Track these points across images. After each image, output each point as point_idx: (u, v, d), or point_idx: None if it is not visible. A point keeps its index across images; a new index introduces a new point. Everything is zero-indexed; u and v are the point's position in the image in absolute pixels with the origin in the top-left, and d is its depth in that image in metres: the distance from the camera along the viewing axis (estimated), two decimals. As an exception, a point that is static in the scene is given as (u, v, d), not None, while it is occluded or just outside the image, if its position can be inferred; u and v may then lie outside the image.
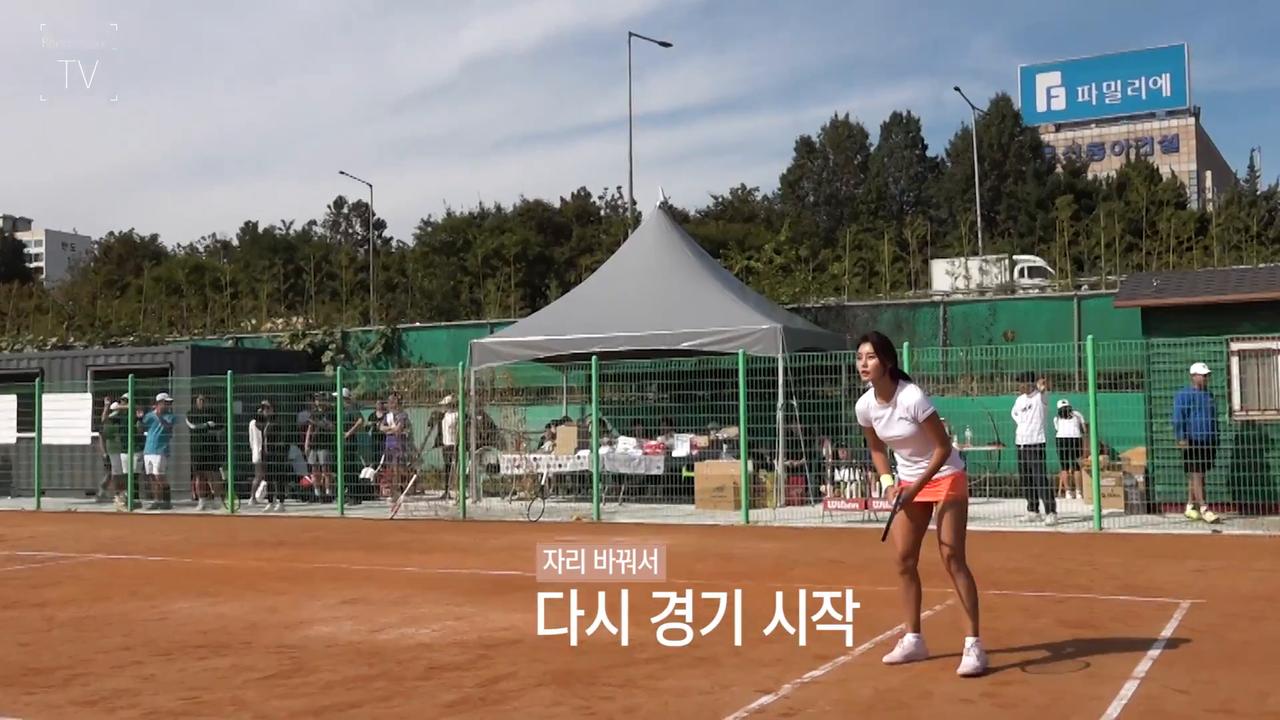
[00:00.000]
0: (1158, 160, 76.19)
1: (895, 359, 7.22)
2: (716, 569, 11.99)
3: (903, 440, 7.21)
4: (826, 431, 18.56)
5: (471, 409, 20.79)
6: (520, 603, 10.04)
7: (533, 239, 56.76)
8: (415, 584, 11.36)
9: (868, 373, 7.15)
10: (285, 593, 10.97)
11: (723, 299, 20.26)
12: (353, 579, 11.82)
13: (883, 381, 7.16)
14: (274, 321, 34.26)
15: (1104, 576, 11.07)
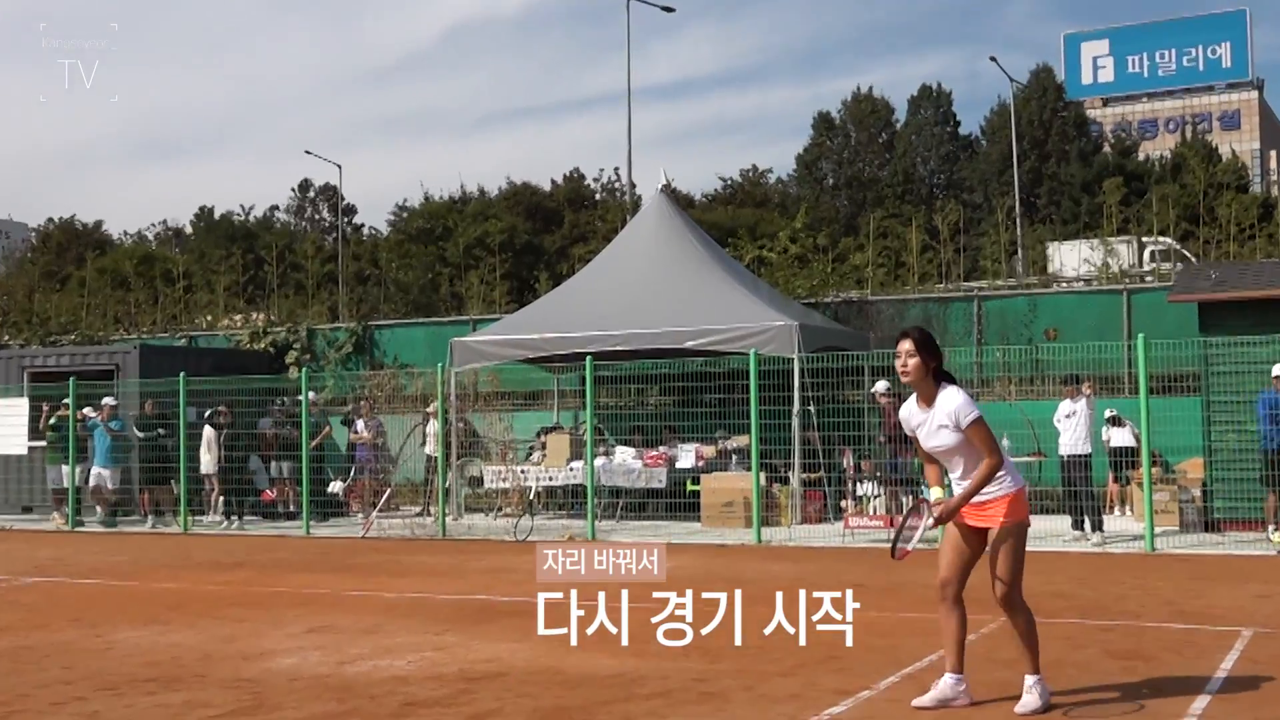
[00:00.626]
0: (1216, 139, 76.22)
1: (939, 358, 7.04)
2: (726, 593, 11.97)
3: (948, 452, 7.01)
4: (848, 441, 18.54)
5: (452, 415, 20.76)
6: (506, 631, 10.03)
7: (520, 226, 56.71)
8: (389, 610, 11.35)
9: (907, 374, 6.96)
10: (244, 620, 10.96)
11: (732, 293, 20.25)
12: (319, 604, 11.81)
13: (925, 384, 6.98)
14: (232, 318, 34.25)
15: (1157, 602, 11.07)
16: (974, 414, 6.91)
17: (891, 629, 9.92)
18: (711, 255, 21.68)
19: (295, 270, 39.10)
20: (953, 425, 6.91)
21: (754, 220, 52.78)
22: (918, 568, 14.07)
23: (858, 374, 19.13)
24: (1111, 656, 8.67)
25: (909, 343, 6.97)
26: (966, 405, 6.91)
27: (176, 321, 33.81)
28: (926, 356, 6.96)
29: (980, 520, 7.06)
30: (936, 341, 7.10)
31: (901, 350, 6.97)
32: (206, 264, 45.87)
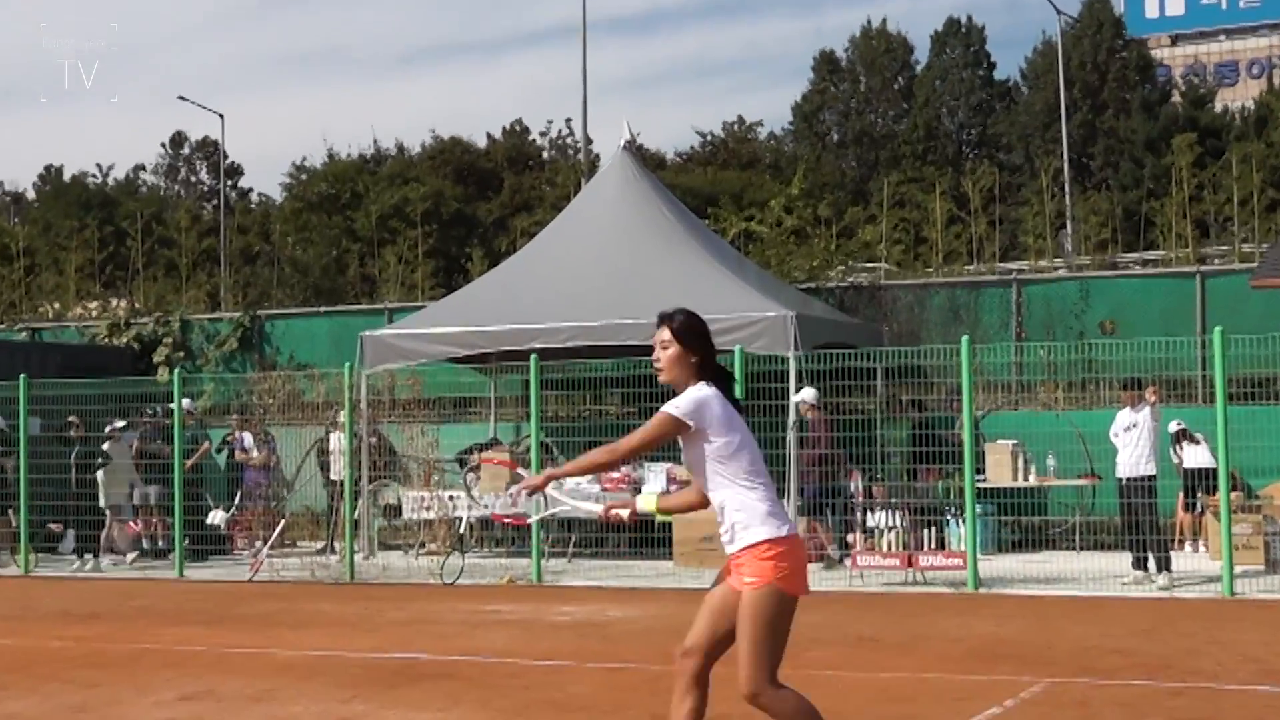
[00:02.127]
0: (1311, 86, 76.77)
1: (707, 351, 6.88)
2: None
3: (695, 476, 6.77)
4: (856, 460, 18.58)
5: (363, 428, 20.70)
6: (430, 697, 10.01)
7: (449, 191, 56.57)
8: (283, 671, 11.30)
9: (661, 368, 6.86)
10: (100, 684, 10.88)
11: (711, 275, 20.26)
12: (196, 665, 11.75)
13: (686, 382, 6.84)
14: (85, 306, 34.02)
15: (1237, 659, 11.15)
16: (673, 409, 6.70)
17: (912, 692, 9.96)
18: (687, 229, 21.69)
19: (166, 246, 38.87)
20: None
21: (740, 185, 52.81)
22: (942, 614, 14.13)
23: (868, 377, 19.20)
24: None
25: (667, 330, 6.82)
26: (685, 400, 6.72)
27: (15, 310, 33.59)
28: (689, 346, 6.82)
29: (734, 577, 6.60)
30: (708, 331, 6.93)
31: (657, 339, 6.83)
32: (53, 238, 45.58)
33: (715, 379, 6.85)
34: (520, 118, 67.89)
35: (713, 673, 6.55)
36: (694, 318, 6.88)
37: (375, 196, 46.77)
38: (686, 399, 6.69)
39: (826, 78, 74.32)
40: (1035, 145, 62.57)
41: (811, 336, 19.21)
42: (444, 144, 66.24)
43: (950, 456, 17.40)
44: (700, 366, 6.83)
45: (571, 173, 48.20)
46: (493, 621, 14.32)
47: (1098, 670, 10.64)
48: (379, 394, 21.79)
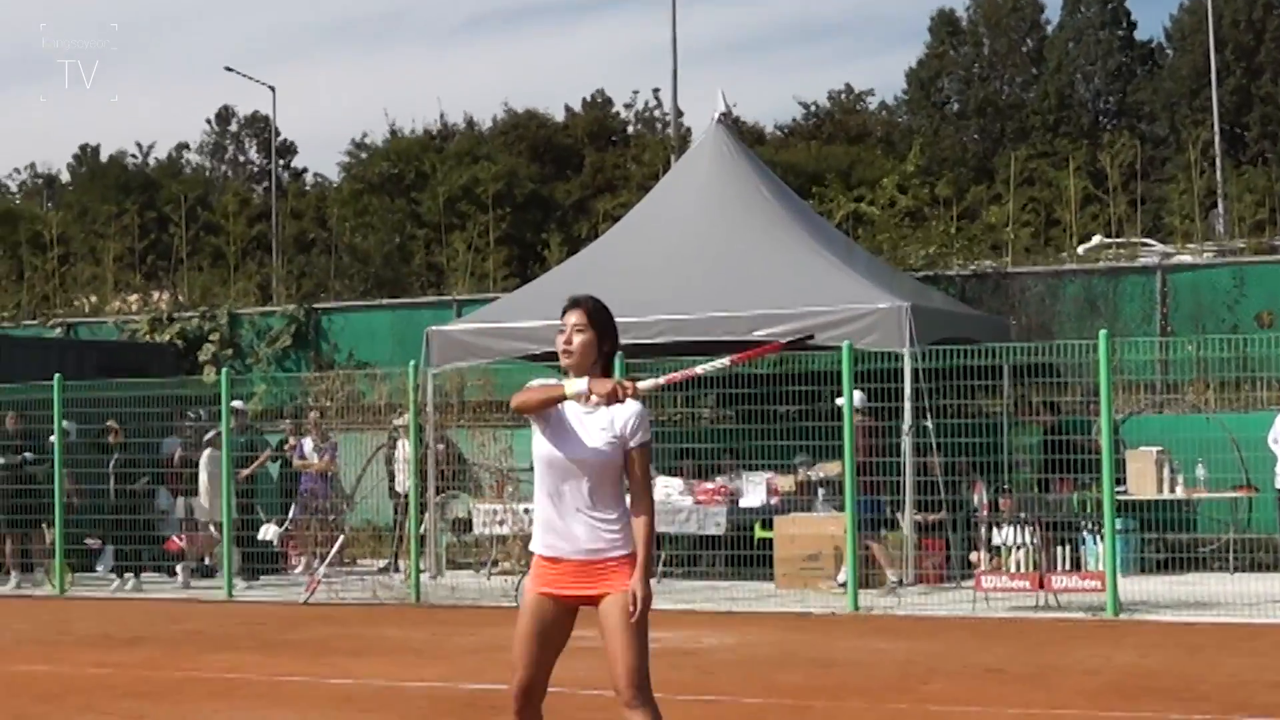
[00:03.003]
0: None
1: (614, 341, 7.29)
2: (809, 683, 11.94)
3: (579, 465, 7.08)
4: (980, 469, 18.46)
5: (428, 434, 20.80)
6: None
7: (523, 170, 56.79)
8: (342, 704, 11.37)
9: (570, 355, 7.18)
10: (142, 716, 10.99)
11: (816, 263, 20.19)
12: (247, 695, 11.84)
13: (592, 373, 7.15)
14: (124, 299, 34.42)
15: None
16: (648, 435, 7.13)
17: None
18: (788, 211, 21.63)
19: (212, 233, 39.25)
20: (616, 437, 7.04)
21: (848, 162, 52.65)
22: (1078, 643, 13.99)
23: (993, 375, 19.04)
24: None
25: (580, 314, 7.24)
26: (645, 419, 7.11)
27: (48, 304, 33.99)
28: (601, 336, 7.21)
29: (584, 585, 7.06)
30: (614, 321, 7.34)
31: (569, 323, 7.21)
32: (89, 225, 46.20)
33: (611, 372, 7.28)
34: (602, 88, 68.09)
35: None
36: (603, 306, 7.38)
37: (442, 177, 46.92)
38: (645, 418, 7.14)
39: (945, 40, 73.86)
40: (1181, 115, 61.91)
41: (929, 330, 19.10)
42: (518, 118, 66.44)
43: (1087, 465, 17.23)
44: (609, 357, 7.25)
45: (660, 149, 48.24)
46: (573, 649, 14.28)
47: (1254, 707, 10.50)
48: (446, 396, 21.90)
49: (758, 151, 32.56)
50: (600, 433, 7.03)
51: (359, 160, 63.67)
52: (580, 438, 7.06)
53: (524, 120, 66.06)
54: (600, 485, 7.02)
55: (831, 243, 21.54)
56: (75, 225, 47.51)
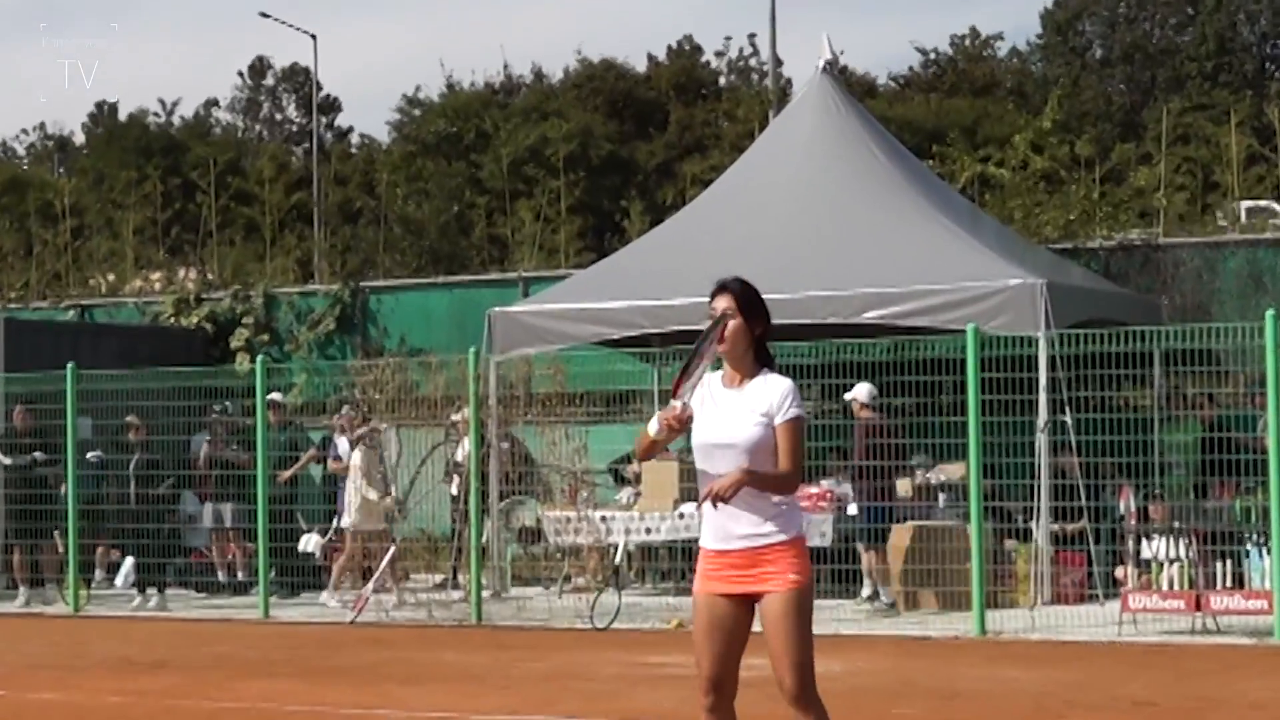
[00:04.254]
0: None
1: (768, 325, 8.08)
2: (929, 717, 11.92)
3: (728, 450, 7.85)
4: (1128, 472, 18.35)
5: (491, 431, 20.87)
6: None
7: (600, 129, 56.86)
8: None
9: (723, 341, 7.92)
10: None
11: (937, 233, 20.13)
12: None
13: (743, 358, 8.01)
14: (146, 278, 34.68)
15: None
16: (800, 409, 7.92)
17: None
18: (904, 174, 21.56)
19: (245, 203, 39.41)
20: (766, 416, 7.84)
21: (974, 117, 52.42)
22: (1240, 673, 13.86)
23: (1142, 363, 18.92)
24: None
25: (728, 298, 7.98)
26: (795, 395, 7.95)
27: (61, 283, 34.28)
28: (751, 320, 8.00)
29: (749, 583, 7.82)
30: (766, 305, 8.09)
31: (717, 308, 7.96)
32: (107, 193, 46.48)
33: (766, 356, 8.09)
34: (690, 34, 67.77)
35: None
36: (753, 289, 8.11)
37: (506, 137, 47.08)
38: (797, 395, 7.98)
39: (1087, -23, 73.38)
40: (1361, 61, 61.16)
41: (1067, 311, 19.00)
42: (593, 69, 66.49)
43: (1251, 467, 17.09)
44: (760, 341, 8.06)
45: (756, 104, 48.15)
46: (657, 677, 14.38)
47: None
48: (512, 387, 21.94)
49: (868, 106, 32.45)
50: (749, 414, 7.82)
51: (411, 118, 64.00)
52: (729, 421, 7.85)
53: (600, 71, 66.09)
54: (753, 466, 7.73)
55: (954, 211, 21.45)
56: (90, 194, 47.86)
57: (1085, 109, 56.25)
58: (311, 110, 69.23)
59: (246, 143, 72.74)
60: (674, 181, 47.37)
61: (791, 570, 7.74)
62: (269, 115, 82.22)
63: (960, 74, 67.02)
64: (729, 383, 8.01)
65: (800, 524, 7.93)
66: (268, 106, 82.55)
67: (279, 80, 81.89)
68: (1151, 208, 27.73)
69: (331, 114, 76.87)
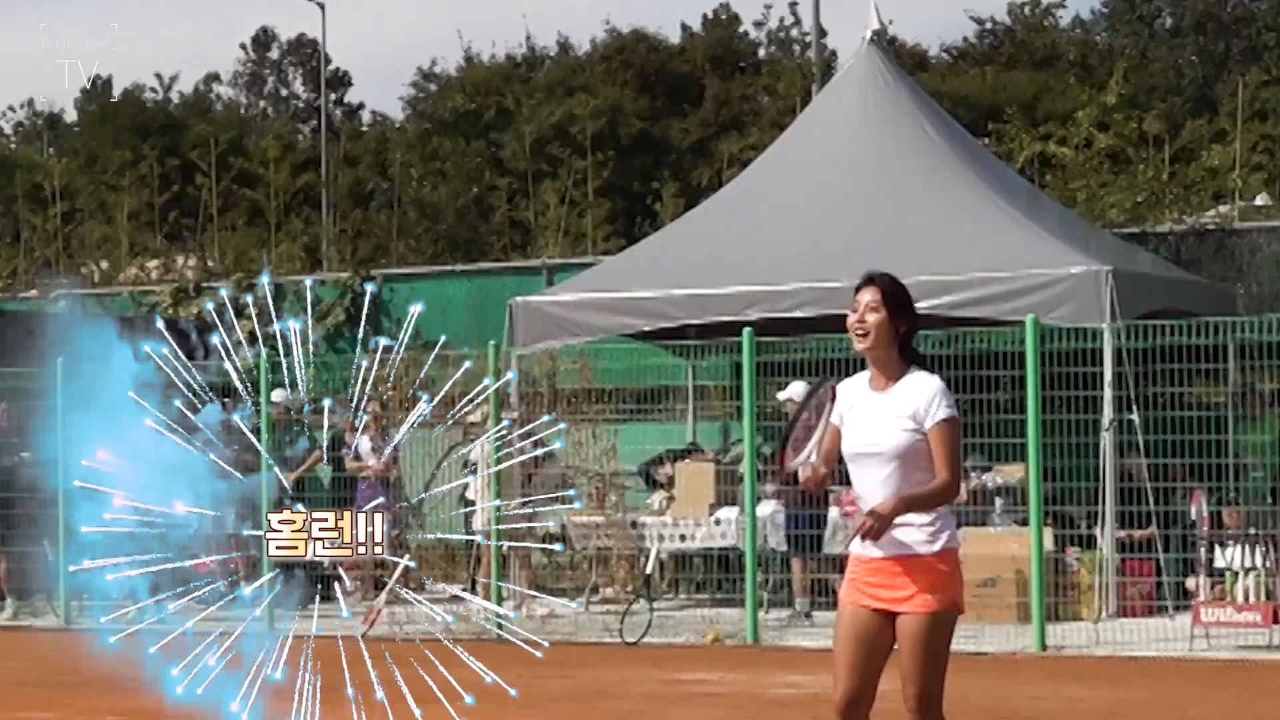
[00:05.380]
0: None
1: (914, 322, 8.29)
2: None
3: (881, 461, 8.11)
4: (1198, 474, 18.31)
5: (513, 429, 20.88)
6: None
7: (630, 105, 56.87)
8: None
9: (866, 336, 8.21)
10: (166, 775, 11.11)
11: (993, 217, 20.13)
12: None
13: (887, 356, 8.22)
14: (143, 265, 34.78)
15: None
16: (952, 410, 8.12)
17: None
18: (958, 153, 21.55)
19: (248, 185, 39.57)
20: (915, 421, 8.07)
21: (1034, 92, 52.32)
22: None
23: (1216, 356, 18.88)
24: None
25: (874, 291, 8.24)
26: (946, 395, 8.13)
27: (51, 269, 34.39)
28: (897, 316, 8.20)
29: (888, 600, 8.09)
30: (912, 300, 8.36)
31: (861, 302, 8.24)
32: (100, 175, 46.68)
33: (914, 354, 8.30)
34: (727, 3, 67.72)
35: None
36: (900, 284, 8.35)
37: (529, 114, 47.13)
38: (948, 395, 8.13)
39: (1155, -60, 73.28)
40: None
41: (1135, 301, 18.99)
42: (623, 40, 66.51)
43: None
44: (905, 339, 8.24)
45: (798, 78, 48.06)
46: (693, 695, 14.39)
47: None
48: (535, 383, 21.96)
49: (919, 79, 32.44)
50: (896, 419, 8.07)
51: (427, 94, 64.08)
52: (875, 427, 8.11)
53: (630, 43, 66.11)
54: (903, 475, 8.04)
55: (1012, 192, 21.43)
56: (83, 176, 48.01)
57: (1154, 82, 56.09)
58: (319, 85, 69.49)
59: (250, 121, 72.79)
60: (709, 161, 47.49)
61: (932, 590, 7.98)
62: (274, 91, 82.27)
63: (1019, 45, 66.95)
64: (875, 386, 8.23)
65: (951, 536, 8.12)
66: (272, 81, 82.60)
67: (284, 53, 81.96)
68: (1225, 189, 27.69)
69: (341, 89, 77.02)
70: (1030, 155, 28.96)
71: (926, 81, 39.55)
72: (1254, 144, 30.10)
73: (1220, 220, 24.78)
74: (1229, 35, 68.46)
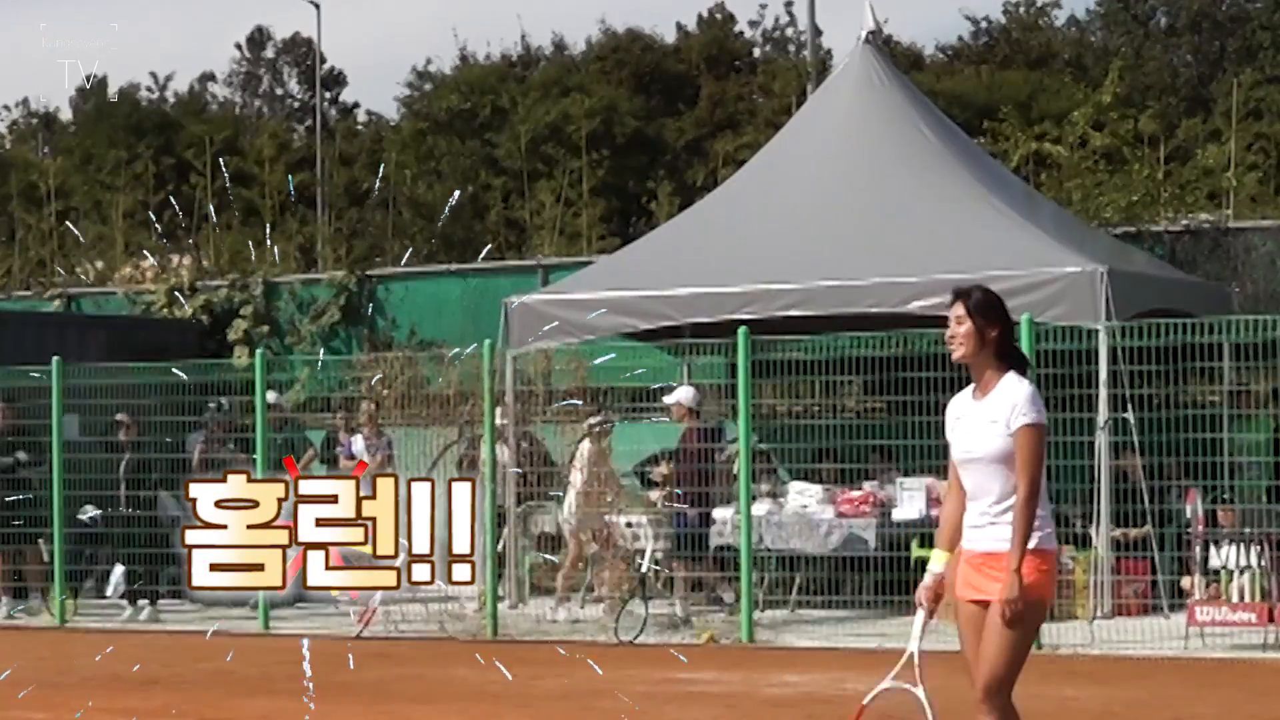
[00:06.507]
0: None
1: (1006, 327, 8.81)
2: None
3: (982, 466, 8.70)
4: (1193, 473, 18.31)
5: (509, 429, 20.87)
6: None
7: (625, 104, 56.81)
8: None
9: (960, 347, 8.77)
10: (161, 774, 11.12)
11: (989, 216, 20.12)
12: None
13: (982, 363, 8.76)
14: (138, 265, 34.73)
15: None
16: (1034, 416, 8.55)
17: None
18: (953, 152, 21.54)
19: (243, 184, 39.54)
20: (1004, 424, 8.58)
21: (1029, 91, 52.29)
22: None
23: (1211, 355, 18.88)
24: None
25: (960, 306, 8.77)
26: (1031, 401, 8.59)
27: (45, 271, 34.36)
28: (984, 324, 8.71)
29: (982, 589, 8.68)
30: (1006, 309, 8.85)
31: (951, 316, 8.79)
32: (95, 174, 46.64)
33: (1012, 358, 8.79)
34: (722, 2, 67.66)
35: None
36: (992, 294, 8.85)
37: (524, 114, 47.13)
38: (1033, 401, 8.61)
39: (1150, -62, 73.24)
40: None
41: (1130, 300, 18.99)
42: (618, 40, 66.42)
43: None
44: (998, 344, 8.74)
45: (793, 77, 48.15)
46: (686, 695, 14.38)
47: None
48: (530, 382, 21.94)
49: (914, 79, 32.42)
50: (991, 425, 8.59)
51: (422, 93, 64.00)
52: (975, 434, 8.68)
53: (625, 43, 66.03)
54: (1005, 476, 8.56)
55: (1007, 192, 21.42)
56: (77, 175, 48.01)
57: (1149, 82, 56.04)
58: (315, 85, 69.39)
59: (245, 120, 72.67)
60: (705, 161, 47.42)
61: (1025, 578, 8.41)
62: (269, 90, 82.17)
63: (1014, 44, 66.91)
64: (977, 394, 8.81)
65: (1047, 537, 8.63)
66: (267, 81, 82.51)
67: (279, 52, 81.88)
68: (1220, 189, 27.68)
69: (336, 89, 76.90)
70: (1025, 155, 28.94)
71: (921, 81, 39.55)
72: (1249, 143, 30.11)
73: (1215, 220, 24.74)
74: (1224, 35, 68.42)
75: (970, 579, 8.75)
